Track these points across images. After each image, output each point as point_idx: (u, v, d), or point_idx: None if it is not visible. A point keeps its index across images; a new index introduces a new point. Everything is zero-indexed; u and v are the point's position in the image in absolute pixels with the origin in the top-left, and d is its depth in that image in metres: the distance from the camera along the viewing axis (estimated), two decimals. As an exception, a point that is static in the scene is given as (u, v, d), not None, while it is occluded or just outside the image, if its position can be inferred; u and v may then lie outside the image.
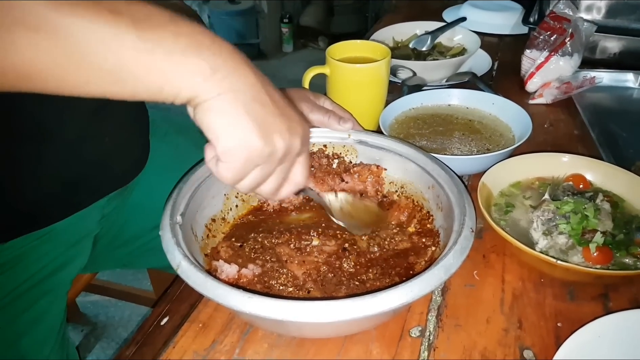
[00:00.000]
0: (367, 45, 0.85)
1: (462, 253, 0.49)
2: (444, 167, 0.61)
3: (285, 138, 0.45)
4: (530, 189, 0.68)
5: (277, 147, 0.44)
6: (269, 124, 0.43)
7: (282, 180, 0.49)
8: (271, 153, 0.44)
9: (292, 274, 0.57)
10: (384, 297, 0.43)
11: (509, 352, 0.51)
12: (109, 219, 0.88)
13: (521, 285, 0.59)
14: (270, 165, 0.46)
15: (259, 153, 0.43)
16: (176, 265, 0.48)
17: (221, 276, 0.55)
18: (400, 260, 0.59)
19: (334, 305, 0.43)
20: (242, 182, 0.46)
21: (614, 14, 1.25)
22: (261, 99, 0.43)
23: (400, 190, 0.68)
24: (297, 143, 0.46)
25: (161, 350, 0.52)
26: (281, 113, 0.45)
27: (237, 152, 0.43)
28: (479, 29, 1.23)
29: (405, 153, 0.65)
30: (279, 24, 3.70)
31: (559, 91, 0.95)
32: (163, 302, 0.59)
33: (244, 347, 0.52)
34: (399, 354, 0.51)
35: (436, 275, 0.46)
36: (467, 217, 0.53)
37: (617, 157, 0.77)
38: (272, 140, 0.44)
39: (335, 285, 0.55)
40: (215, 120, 0.41)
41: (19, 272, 0.75)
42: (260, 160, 0.44)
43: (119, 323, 1.63)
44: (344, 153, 0.70)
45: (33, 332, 0.76)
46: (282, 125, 0.45)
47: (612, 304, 0.56)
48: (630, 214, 0.63)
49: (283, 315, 0.42)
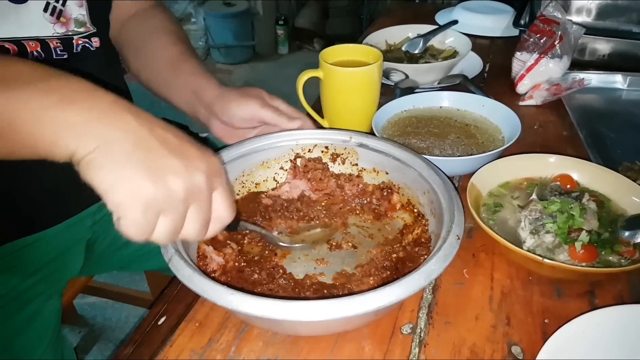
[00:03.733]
0: (360, 49, 0.86)
1: (445, 260, 0.49)
2: (439, 172, 0.62)
3: (183, 176, 0.42)
4: (518, 189, 0.70)
5: (174, 188, 0.41)
6: (159, 166, 0.41)
7: (203, 220, 0.46)
8: (169, 195, 0.41)
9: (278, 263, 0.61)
10: (363, 300, 0.44)
11: (497, 348, 0.52)
12: (102, 224, 0.89)
13: (509, 283, 0.60)
14: (176, 208, 0.42)
15: (154, 198, 0.40)
16: (168, 258, 0.50)
17: (211, 264, 0.58)
18: (393, 272, 0.59)
19: (309, 305, 0.44)
20: (154, 234, 0.43)
21: (604, 15, 1.27)
22: (145, 143, 0.41)
23: (399, 191, 0.69)
24: (199, 178, 0.43)
25: (159, 349, 0.53)
26: (173, 153, 0.42)
27: (130, 204, 0.40)
28: (471, 31, 1.25)
29: (403, 158, 0.66)
30: (274, 26, 3.71)
31: (549, 93, 0.97)
32: (160, 302, 0.60)
33: (240, 345, 0.53)
34: (390, 351, 0.52)
35: (416, 280, 0.47)
36: (454, 224, 0.53)
37: (605, 157, 0.78)
38: (165, 183, 0.41)
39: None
40: (97, 175, 0.40)
41: (11, 276, 0.76)
42: (160, 205, 0.41)
43: (116, 324, 1.64)
44: (345, 155, 0.71)
45: (26, 333, 0.77)
46: (176, 165, 0.42)
47: (597, 300, 0.57)
48: (616, 213, 0.65)
49: (260, 312, 0.44)
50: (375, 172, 0.70)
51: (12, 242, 0.75)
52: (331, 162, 0.72)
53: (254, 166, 0.71)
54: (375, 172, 0.70)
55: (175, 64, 0.75)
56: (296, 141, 0.71)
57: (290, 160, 0.72)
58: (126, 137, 0.40)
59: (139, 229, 0.41)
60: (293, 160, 0.72)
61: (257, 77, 3.40)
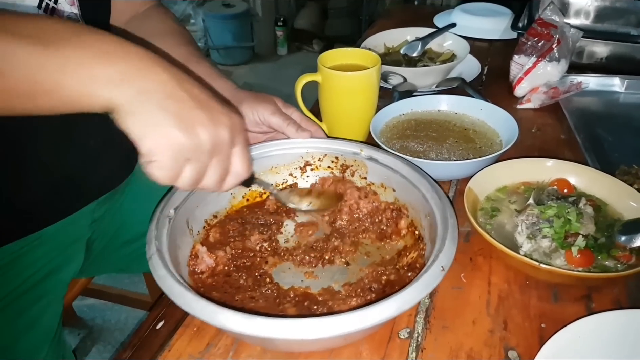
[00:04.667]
0: (359, 53, 0.86)
1: (423, 290, 0.47)
2: (441, 196, 0.60)
3: (209, 129, 0.45)
4: (515, 194, 0.70)
5: (202, 138, 0.45)
6: (189, 117, 0.44)
7: (222, 173, 0.49)
8: (197, 145, 0.45)
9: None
10: (332, 322, 0.43)
11: (494, 352, 0.53)
12: (102, 223, 0.89)
13: (507, 287, 0.60)
14: (202, 158, 0.46)
15: (184, 146, 0.44)
16: (149, 256, 0.52)
17: (201, 265, 0.60)
18: (379, 294, 0.58)
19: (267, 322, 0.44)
20: (179, 180, 0.46)
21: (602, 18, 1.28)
22: (176, 95, 0.44)
23: (408, 213, 0.67)
24: (224, 133, 0.46)
25: (157, 353, 0.54)
26: (203, 105, 0.45)
27: (161, 149, 0.43)
28: (469, 34, 1.26)
29: (410, 177, 0.64)
30: (274, 27, 3.72)
31: (547, 96, 0.97)
32: (159, 306, 0.60)
33: (238, 349, 0.53)
34: (388, 355, 0.53)
35: (388, 308, 0.45)
36: (442, 254, 0.51)
37: (602, 161, 0.79)
38: (194, 132, 0.44)
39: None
40: (133, 122, 0.43)
41: (11, 277, 0.76)
42: (188, 153, 0.45)
43: (115, 326, 1.64)
44: (355, 167, 0.70)
45: (28, 336, 0.77)
46: (205, 117, 0.45)
47: (594, 305, 0.58)
48: (612, 217, 0.65)
49: (214, 320, 0.45)
50: (383, 188, 0.69)
51: (12, 243, 0.75)
52: (341, 173, 0.72)
53: (262, 170, 0.72)
54: (383, 187, 0.69)
55: (186, 65, 0.75)
56: (306, 149, 0.71)
57: (299, 167, 0.72)
58: (158, 88, 0.43)
59: (166, 173, 0.45)
60: (303, 168, 0.72)
61: (257, 78, 3.40)
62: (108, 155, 0.83)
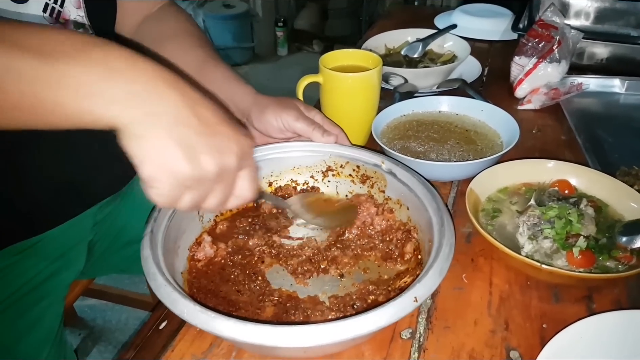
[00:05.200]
0: (360, 54, 0.87)
1: (389, 318, 0.45)
2: (445, 222, 0.57)
3: (216, 158, 0.43)
4: (516, 195, 0.70)
5: (207, 168, 0.43)
6: (196, 145, 0.42)
7: (224, 197, 0.48)
8: (200, 175, 0.43)
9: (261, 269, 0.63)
10: (303, 332, 0.43)
11: (496, 352, 0.53)
12: (104, 225, 0.89)
13: (508, 288, 0.61)
14: (204, 186, 0.45)
15: (187, 176, 0.42)
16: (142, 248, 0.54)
17: (200, 252, 0.62)
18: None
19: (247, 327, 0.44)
20: (178, 204, 0.45)
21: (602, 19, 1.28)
22: (186, 120, 0.42)
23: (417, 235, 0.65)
24: (231, 161, 0.45)
25: (160, 353, 0.54)
26: (211, 132, 0.43)
27: (162, 178, 0.42)
28: (469, 34, 1.26)
29: (422, 197, 0.62)
30: (274, 28, 3.72)
31: (547, 97, 0.97)
32: (161, 306, 0.60)
33: (240, 350, 0.53)
34: (390, 355, 0.53)
35: (342, 329, 0.44)
36: (419, 285, 0.48)
37: (603, 162, 0.79)
38: (199, 162, 0.42)
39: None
40: (136, 146, 0.41)
41: (14, 278, 0.76)
42: (190, 183, 0.43)
43: (115, 327, 1.64)
44: (375, 179, 0.70)
45: (30, 337, 0.77)
46: (212, 145, 0.43)
47: (595, 305, 0.58)
48: (613, 218, 0.65)
49: (178, 310, 0.46)
50: (399, 205, 0.67)
51: (14, 245, 0.75)
52: (361, 183, 0.71)
53: (284, 169, 0.72)
54: (399, 204, 0.67)
55: (204, 69, 0.74)
56: (329, 154, 0.71)
57: (321, 171, 0.73)
58: (167, 112, 0.41)
59: (166, 199, 0.44)
60: (324, 173, 0.73)
61: (257, 78, 3.40)
62: (111, 159, 0.83)
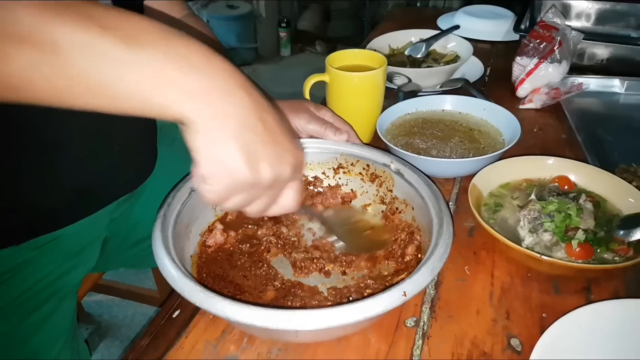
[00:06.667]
0: (365, 54, 0.89)
1: (378, 309, 0.47)
2: (445, 224, 0.58)
3: (274, 167, 0.44)
4: (518, 190, 0.72)
5: (263, 176, 0.44)
6: (258, 151, 0.43)
7: (269, 204, 0.49)
8: (256, 181, 0.44)
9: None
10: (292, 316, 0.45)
11: (497, 340, 0.55)
12: (118, 222, 0.91)
13: (509, 280, 0.63)
14: (255, 192, 0.46)
15: (243, 181, 0.43)
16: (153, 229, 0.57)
17: (211, 239, 0.65)
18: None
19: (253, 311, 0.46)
20: (226, 204, 0.46)
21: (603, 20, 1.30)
22: (252, 125, 0.42)
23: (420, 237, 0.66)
24: (286, 171, 0.46)
25: (175, 340, 0.56)
26: (273, 140, 0.44)
27: (221, 178, 0.43)
28: (472, 35, 1.28)
29: (427, 198, 0.63)
30: (277, 29, 3.75)
31: (548, 97, 0.99)
32: (173, 297, 0.63)
33: (252, 336, 0.56)
34: (395, 343, 0.55)
35: (343, 312, 0.46)
36: (409, 281, 0.49)
37: (602, 160, 0.81)
38: (258, 169, 0.43)
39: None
40: (202, 143, 0.41)
41: (31, 273, 0.78)
42: (244, 187, 0.44)
43: (122, 322, 1.66)
44: (384, 178, 0.71)
45: (43, 331, 0.79)
46: (272, 154, 0.44)
47: (593, 296, 0.60)
48: (612, 213, 0.67)
49: (178, 288, 0.49)
50: (405, 204, 0.69)
51: (34, 239, 0.77)
52: (370, 181, 0.73)
53: None
54: (405, 204, 0.69)
55: None
56: (340, 152, 0.73)
57: (333, 168, 0.75)
58: (237, 114, 0.41)
59: (217, 198, 0.45)
60: (336, 170, 0.75)
61: (260, 78, 3.43)
62: (130, 160, 0.86)
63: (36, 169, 0.73)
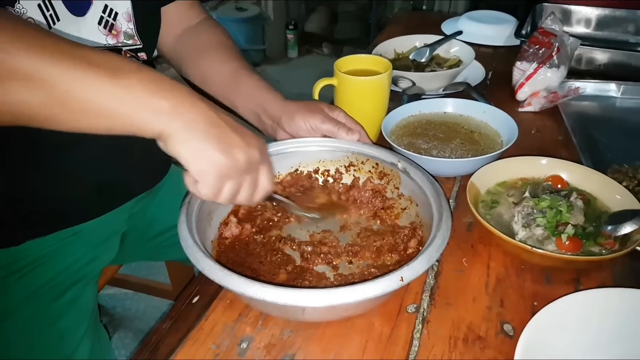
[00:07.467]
0: (371, 59, 0.94)
1: (376, 291, 0.51)
2: (447, 221, 0.62)
3: (244, 150, 0.53)
4: (513, 188, 0.77)
5: (239, 159, 0.53)
6: (228, 141, 0.52)
7: (253, 188, 0.58)
8: (234, 165, 0.53)
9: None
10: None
11: (491, 325, 0.60)
12: (136, 218, 0.97)
13: (504, 271, 0.67)
14: (238, 176, 0.55)
15: (225, 166, 0.52)
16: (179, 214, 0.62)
17: (227, 231, 0.70)
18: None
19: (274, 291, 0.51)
20: (220, 196, 0.55)
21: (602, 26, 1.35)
22: (216, 122, 0.52)
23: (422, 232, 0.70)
24: (255, 153, 0.55)
25: (195, 322, 0.61)
26: (236, 131, 0.54)
27: (208, 170, 0.52)
28: (475, 40, 1.32)
29: (429, 195, 0.67)
30: (284, 31, 3.79)
31: (546, 100, 1.04)
32: (193, 284, 0.68)
33: (266, 319, 0.61)
34: (397, 326, 0.60)
35: (345, 292, 0.51)
36: (406, 267, 0.54)
37: (596, 160, 0.85)
38: (233, 154, 0.52)
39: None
40: (183, 148, 0.50)
41: (56, 262, 0.84)
42: (229, 172, 0.53)
43: (135, 315, 1.72)
44: (391, 177, 0.76)
45: (70, 314, 0.84)
46: (239, 140, 0.53)
47: (582, 286, 0.64)
48: (601, 210, 0.72)
49: (200, 266, 0.55)
50: (410, 201, 0.73)
51: (64, 230, 0.83)
52: (378, 179, 0.78)
53: (310, 160, 0.80)
54: (410, 200, 0.73)
55: (238, 78, 0.83)
56: (352, 151, 0.79)
57: (345, 166, 0.80)
58: (203, 118, 0.51)
59: (212, 190, 0.54)
60: (347, 167, 0.80)
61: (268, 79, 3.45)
62: (148, 158, 0.91)
63: (61, 167, 0.79)
